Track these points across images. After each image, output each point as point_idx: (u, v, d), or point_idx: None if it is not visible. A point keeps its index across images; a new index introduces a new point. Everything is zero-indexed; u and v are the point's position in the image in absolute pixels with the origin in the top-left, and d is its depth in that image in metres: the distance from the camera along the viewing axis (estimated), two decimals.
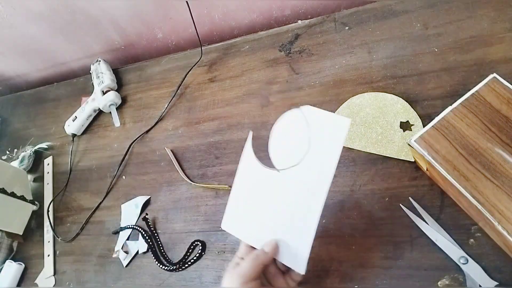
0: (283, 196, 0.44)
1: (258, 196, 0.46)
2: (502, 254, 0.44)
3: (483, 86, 0.46)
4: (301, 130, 0.43)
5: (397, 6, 0.64)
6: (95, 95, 0.83)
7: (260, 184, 0.45)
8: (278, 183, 0.44)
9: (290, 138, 0.44)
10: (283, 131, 0.45)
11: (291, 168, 0.43)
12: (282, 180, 0.44)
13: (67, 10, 0.83)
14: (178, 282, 0.60)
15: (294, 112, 0.44)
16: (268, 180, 0.45)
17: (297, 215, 0.42)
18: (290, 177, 0.43)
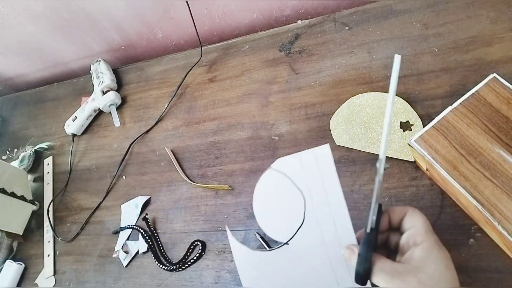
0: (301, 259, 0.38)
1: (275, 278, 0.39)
2: (502, 254, 0.44)
3: (483, 86, 0.46)
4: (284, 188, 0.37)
5: (397, 6, 0.64)
6: (95, 95, 0.83)
7: (269, 266, 0.39)
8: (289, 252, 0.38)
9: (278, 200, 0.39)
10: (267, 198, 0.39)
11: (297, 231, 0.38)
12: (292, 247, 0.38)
13: (67, 10, 0.83)
14: (178, 282, 0.60)
15: (267, 174, 0.38)
16: (277, 257, 0.39)
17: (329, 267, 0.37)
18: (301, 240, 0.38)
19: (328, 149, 0.36)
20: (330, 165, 0.36)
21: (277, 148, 0.63)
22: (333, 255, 0.37)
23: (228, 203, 0.62)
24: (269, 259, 0.39)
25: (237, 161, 0.65)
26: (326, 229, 0.37)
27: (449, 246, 0.47)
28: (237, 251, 0.40)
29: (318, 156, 0.37)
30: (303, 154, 0.37)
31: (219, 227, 0.61)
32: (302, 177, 0.37)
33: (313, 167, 0.37)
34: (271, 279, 0.39)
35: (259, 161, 0.63)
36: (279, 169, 0.38)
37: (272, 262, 0.39)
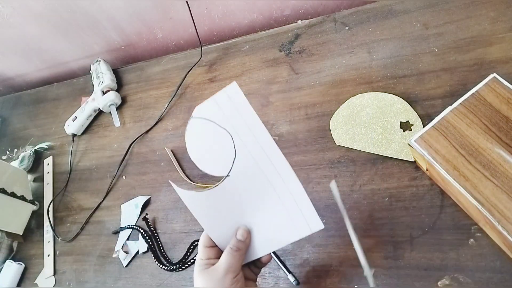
0: (244, 188, 0.42)
1: (224, 207, 0.44)
2: (502, 254, 0.44)
3: (483, 86, 0.46)
4: (210, 130, 0.41)
5: (397, 6, 0.64)
6: (95, 95, 0.83)
7: (217, 200, 0.43)
8: (232, 184, 0.42)
9: (208, 143, 0.42)
10: (198, 144, 0.43)
11: (235, 163, 0.41)
12: (233, 178, 0.42)
13: (67, 10, 0.83)
14: (178, 282, 0.60)
15: (191, 122, 0.42)
16: (223, 190, 0.43)
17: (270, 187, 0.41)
18: (239, 170, 0.42)
19: (236, 86, 0.39)
20: (242, 98, 0.40)
21: None
22: (269, 173, 0.41)
23: None
24: (217, 195, 0.43)
25: None
26: (257, 154, 0.40)
27: (449, 246, 0.47)
28: (186, 198, 0.44)
29: (229, 94, 0.40)
30: (216, 96, 0.40)
31: None
32: (222, 116, 0.41)
33: (228, 104, 0.40)
34: (224, 211, 0.43)
35: None
36: (200, 116, 0.41)
37: (221, 196, 0.43)
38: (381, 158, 0.55)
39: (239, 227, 0.43)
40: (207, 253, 0.43)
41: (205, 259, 0.42)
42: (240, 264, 0.42)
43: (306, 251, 0.54)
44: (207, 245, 0.44)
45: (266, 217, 0.42)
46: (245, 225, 0.43)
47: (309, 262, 0.53)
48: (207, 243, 0.44)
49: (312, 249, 0.53)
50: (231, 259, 0.41)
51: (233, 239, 0.42)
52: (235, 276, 0.40)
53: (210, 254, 0.43)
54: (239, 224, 0.43)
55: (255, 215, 0.43)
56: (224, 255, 0.41)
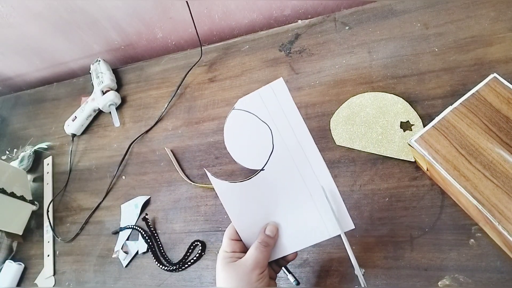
0: (277, 183, 0.42)
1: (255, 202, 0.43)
2: (502, 254, 0.44)
3: (484, 86, 0.46)
4: (250, 123, 0.42)
5: (397, 6, 0.64)
6: (94, 95, 0.83)
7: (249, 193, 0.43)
8: (265, 178, 0.42)
9: (248, 137, 0.43)
10: (236, 136, 0.43)
11: (271, 157, 0.42)
12: (268, 173, 0.42)
13: (67, 10, 0.83)
14: (178, 283, 0.60)
15: (232, 114, 0.43)
16: (256, 184, 0.43)
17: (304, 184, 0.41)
18: (274, 165, 0.42)
19: (282, 82, 0.40)
20: (287, 95, 0.40)
21: None
22: (304, 172, 0.41)
23: None
24: (250, 188, 0.43)
25: None
26: (294, 151, 0.41)
27: (449, 246, 0.47)
28: (219, 188, 0.43)
29: (275, 90, 0.41)
30: (261, 90, 0.41)
31: (219, 227, 0.61)
32: (264, 110, 0.41)
33: (272, 99, 0.41)
34: (254, 205, 0.43)
35: None
36: (242, 108, 0.42)
37: (253, 190, 0.43)
38: (381, 158, 0.55)
39: (268, 223, 0.43)
40: (232, 246, 0.42)
41: (230, 252, 0.42)
42: (267, 260, 0.41)
43: (306, 251, 0.54)
44: (233, 238, 0.43)
45: (296, 214, 0.42)
46: (274, 222, 0.43)
47: (309, 262, 0.53)
48: (232, 236, 0.43)
49: (312, 249, 0.53)
50: (259, 254, 0.40)
51: (262, 234, 0.42)
52: (262, 272, 0.40)
53: (235, 247, 0.43)
54: (267, 220, 0.43)
55: (285, 212, 0.43)
56: (252, 250, 0.41)
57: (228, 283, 0.40)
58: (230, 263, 0.41)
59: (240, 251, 0.42)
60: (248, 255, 0.41)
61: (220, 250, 0.43)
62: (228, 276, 0.40)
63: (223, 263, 0.41)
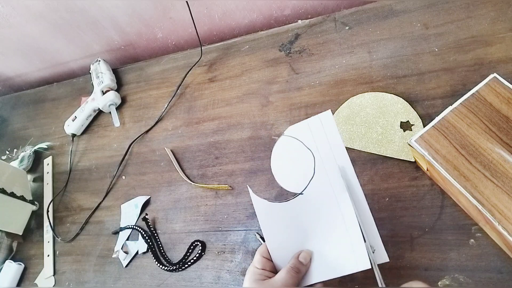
0: (314, 210, 0.43)
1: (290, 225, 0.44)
2: (502, 254, 0.44)
3: (484, 86, 0.46)
4: (296, 149, 0.44)
5: (397, 6, 0.64)
6: (94, 95, 0.83)
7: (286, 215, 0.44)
8: (303, 203, 0.43)
9: (291, 160, 0.45)
10: (282, 159, 0.46)
11: (311, 183, 0.43)
12: (306, 198, 0.43)
13: (67, 10, 0.83)
14: (178, 283, 0.60)
15: (281, 139, 0.46)
16: (293, 208, 0.44)
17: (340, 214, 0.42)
18: (313, 191, 0.43)
19: (330, 114, 0.43)
20: (333, 126, 0.43)
21: None
22: (341, 201, 0.41)
23: (228, 203, 0.62)
24: (286, 209, 0.44)
25: (237, 161, 0.65)
26: (334, 180, 0.42)
27: (449, 246, 0.47)
28: (258, 205, 0.45)
29: (322, 120, 0.44)
30: (310, 120, 0.44)
31: (219, 227, 0.61)
32: (310, 138, 0.44)
33: (319, 129, 0.43)
34: (289, 228, 0.44)
35: (259, 161, 0.63)
36: (290, 135, 0.45)
37: (290, 212, 0.44)
38: (381, 158, 0.55)
39: (303, 250, 0.43)
40: (263, 264, 0.43)
41: (261, 269, 0.42)
42: (296, 286, 0.41)
43: None
44: (265, 256, 0.43)
45: (329, 243, 0.42)
46: (309, 249, 0.43)
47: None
48: (265, 254, 0.44)
49: None
50: (289, 279, 0.40)
51: (295, 260, 0.42)
52: None
53: (266, 265, 0.43)
54: (300, 244, 0.43)
55: (318, 240, 0.43)
56: (283, 273, 0.40)
57: None
58: (259, 280, 0.41)
59: (270, 270, 0.43)
60: (278, 277, 0.40)
61: (250, 266, 0.43)
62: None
63: (252, 279, 0.41)
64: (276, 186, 0.58)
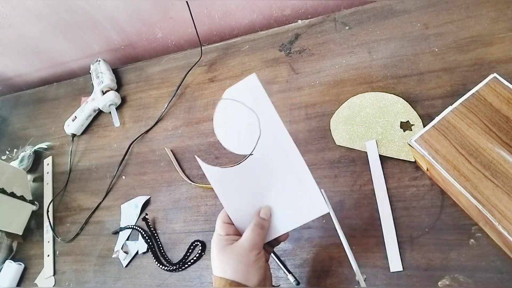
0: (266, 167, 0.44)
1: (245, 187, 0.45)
2: (503, 254, 0.44)
3: (484, 86, 0.46)
4: (237, 111, 0.44)
5: (397, 6, 0.64)
6: (94, 95, 0.83)
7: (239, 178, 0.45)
8: (254, 163, 0.44)
9: (235, 123, 0.45)
10: (225, 124, 0.46)
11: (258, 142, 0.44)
12: (256, 158, 0.44)
13: (67, 10, 0.83)
14: (178, 283, 0.60)
15: (220, 104, 0.45)
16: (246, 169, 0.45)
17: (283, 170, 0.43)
18: (262, 150, 0.44)
19: (254, 76, 0.43)
20: (260, 89, 0.43)
21: None
22: (290, 154, 0.42)
23: None
24: (239, 172, 0.45)
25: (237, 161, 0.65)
26: (279, 135, 0.43)
27: (449, 246, 0.47)
28: (210, 174, 0.45)
29: (249, 84, 0.44)
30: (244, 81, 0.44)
31: None
32: (249, 98, 0.44)
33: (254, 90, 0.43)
34: (245, 190, 0.45)
35: None
36: (229, 97, 0.45)
37: (243, 175, 0.45)
38: (381, 158, 0.55)
39: (262, 206, 0.44)
40: (226, 229, 0.44)
41: (225, 235, 0.43)
42: (263, 241, 0.43)
43: (306, 251, 0.54)
44: (226, 221, 0.45)
45: (285, 196, 0.44)
46: (268, 205, 0.44)
47: (309, 262, 0.53)
48: (226, 219, 0.45)
49: (312, 249, 0.53)
50: (255, 236, 0.42)
51: (257, 217, 0.43)
52: (259, 253, 0.41)
53: (229, 230, 0.44)
54: (258, 203, 0.45)
55: (275, 194, 0.44)
56: (248, 232, 0.42)
57: (226, 265, 0.41)
58: (227, 246, 0.42)
59: (234, 233, 0.44)
60: (244, 237, 0.42)
61: (214, 234, 0.44)
62: (226, 259, 0.41)
63: (219, 246, 0.42)
64: None
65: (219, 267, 0.42)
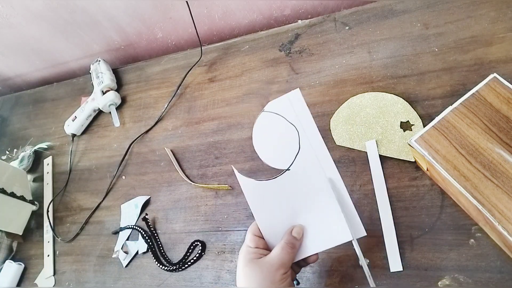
0: (302, 185, 0.43)
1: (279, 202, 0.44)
2: (503, 254, 0.44)
3: (484, 86, 0.46)
4: (278, 124, 0.44)
5: (397, 6, 0.64)
6: (94, 95, 0.83)
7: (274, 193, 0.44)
8: (291, 178, 0.44)
9: (274, 137, 0.44)
10: (264, 137, 0.45)
11: (297, 158, 0.43)
12: (293, 173, 0.44)
13: (67, 10, 0.83)
14: (178, 283, 0.60)
15: (262, 115, 0.45)
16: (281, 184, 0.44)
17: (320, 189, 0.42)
18: (300, 166, 0.43)
19: (298, 91, 0.44)
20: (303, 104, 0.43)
21: None
22: (329, 174, 0.42)
23: (228, 203, 0.62)
24: (274, 186, 0.44)
25: (237, 161, 0.65)
26: (320, 153, 0.42)
27: (449, 246, 0.47)
28: (245, 185, 0.44)
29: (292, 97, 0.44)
30: (290, 94, 0.44)
31: (219, 227, 0.61)
32: (292, 113, 0.43)
33: (300, 102, 0.43)
34: (279, 205, 0.44)
35: (259, 161, 0.62)
36: (271, 110, 0.44)
37: (278, 188, 0.44)
38: (381, 158, 0.54)
39: (295, 225, 0.43)
40: (255, 242, 0.43)
41: (254, 247, 0.42)
42: (292, 261, 0.42)
43: None
44: (257, 234, 0.44)
45: (319, 216, 0.43)
46: (300, 224, 0.43)
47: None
48: (256, 232, 0.44)
49: None
50: (285, 255, 0.41)
51: (288, 235, 0.42)
52: (285, 272, 0.40)
53: (259, 243, 0.43)
54: (291, 220, 0.44)
55: (309, 213, 0.43)
56: (278, 249, 0.41)
57: (251, 280, 0.40)
58: (254, 259, 0.41)
59: (263, 247, 0.43)
60: (273, 254, 0.41)
61: (243, 245, 0.43)
62: (251, 272, 0.40)
63: (247, 258, 0.41)
64: None
65: (243, 280, 0.41)
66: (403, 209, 0.51)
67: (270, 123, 0.44)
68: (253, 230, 0.44)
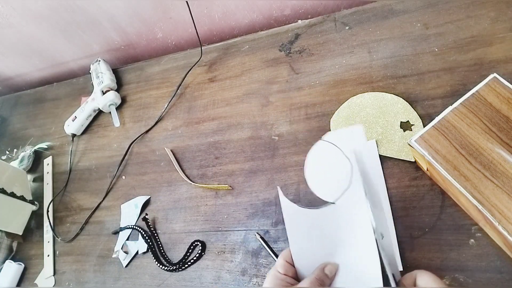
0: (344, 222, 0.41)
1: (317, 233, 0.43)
2: (502, 254, 0.44)
3: (484, 86, 0.46)
4: (333, 156, 0.42)
5: (397, 6, 0.64)
6: (94, 95, 0.83)
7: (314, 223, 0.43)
8: (334, 213, 0.42)
9: (327, 167, 0.43)
10: (317, 165, 0.44)
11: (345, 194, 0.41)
12: (337, 208, 0.42)
13: (67, 10, 0.83)
14: (178, 283, 0.60)
15: (319, 144, 0.44)
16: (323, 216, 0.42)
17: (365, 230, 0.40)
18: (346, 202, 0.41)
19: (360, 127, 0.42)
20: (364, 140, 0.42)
21: (277, 148, 0.63)
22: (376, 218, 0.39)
23: (228, 203, 0.62)
24: (315, 217, 0.42)
25: (237, 161, 0.65)
26: (370, 194, 0.40)
27: (449, 246, 0.47)
28: (286, 207, 0.43)
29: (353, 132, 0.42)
30: (354, 127, 0.42)
31: (219, 227, 0.61)
32: (351, 146, 0.41)
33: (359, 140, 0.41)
34: (316, 236, 0.42)
35: (259, 161, 0.63)
36: (329, 140, 0.43)
37: (318, 220, 0.42)
38: (381, 158, 0.54)
39: (329, 262, 0.41)
40: (286, 269, 0.41)
41: (283, 274, 0.41)
42: None
43: None
44: (288, 261, 0.42)
45: (355, 259, 0.40)
46: (335, 262, 0.41)
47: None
48: (288, 258, 0.42)
49: None
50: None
51: (320, 271, 0.40)
52: None
53: (289, 271, 0.41)
54: (325, 254, 0.42)
55: (345, 253, 0.41)
56: (306, 283, 0.39)
57: None
58: (281, 286, 0.40)
59: (292, 275, 0.41)
60: (300, 286, 0.39)
61: (272, 269, 0.42)
62: None
63: (274, 283, 0.40)
64: (274, 187, 0.59)
65: None
66: (403, 209, 0.51)
67: (325, 153, 0.43)
68: (285, 256, 0.42)
